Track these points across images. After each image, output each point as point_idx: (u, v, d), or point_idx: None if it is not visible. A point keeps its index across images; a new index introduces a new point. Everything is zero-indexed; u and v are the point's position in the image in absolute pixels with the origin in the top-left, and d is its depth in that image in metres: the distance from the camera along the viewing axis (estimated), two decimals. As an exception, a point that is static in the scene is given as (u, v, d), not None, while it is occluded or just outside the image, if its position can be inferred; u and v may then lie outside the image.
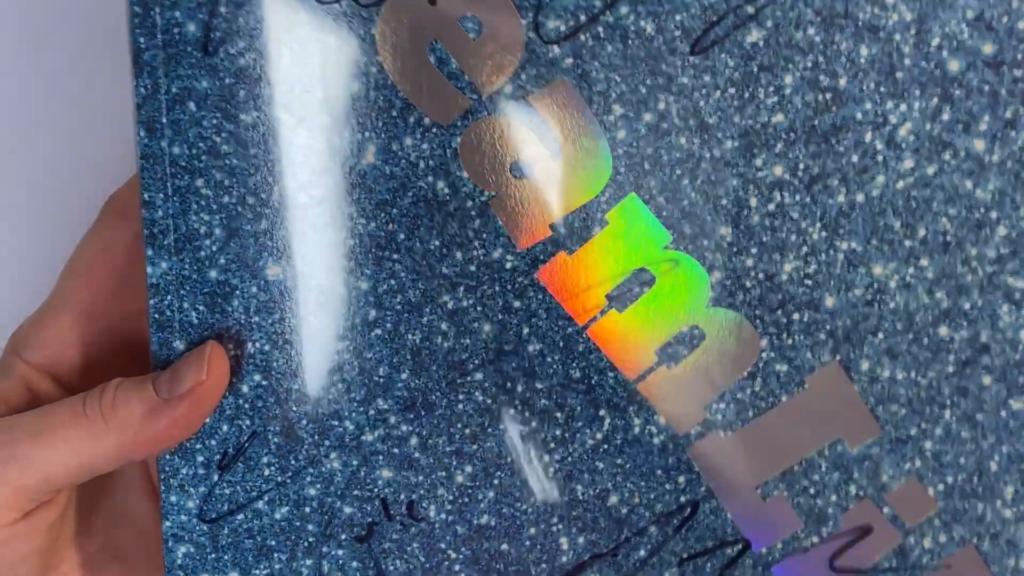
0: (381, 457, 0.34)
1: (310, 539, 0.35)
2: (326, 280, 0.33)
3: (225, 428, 0.34)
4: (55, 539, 0.36)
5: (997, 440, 0.34)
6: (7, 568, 0.35)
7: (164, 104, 0.32)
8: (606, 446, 0.34)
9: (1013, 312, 0.33)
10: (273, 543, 0.35)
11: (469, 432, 0.34)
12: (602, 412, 0.34)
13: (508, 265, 0.33)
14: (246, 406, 0.34)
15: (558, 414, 0.34)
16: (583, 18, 0.31)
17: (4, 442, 0.33)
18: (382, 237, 0.33)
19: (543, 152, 0.32)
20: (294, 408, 0.34)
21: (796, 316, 0.33)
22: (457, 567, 0.35)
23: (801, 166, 0.32)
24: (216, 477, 0.34)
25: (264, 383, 0.34)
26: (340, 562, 0.35)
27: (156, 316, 0.33)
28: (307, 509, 0.34)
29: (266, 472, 0.34)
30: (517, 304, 0.33)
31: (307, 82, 0.31)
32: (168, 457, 0.34)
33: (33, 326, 0.36)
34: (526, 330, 0.33)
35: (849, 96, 0.31)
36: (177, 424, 0.33)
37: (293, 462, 0.34)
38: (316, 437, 0.34)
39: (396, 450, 0.34)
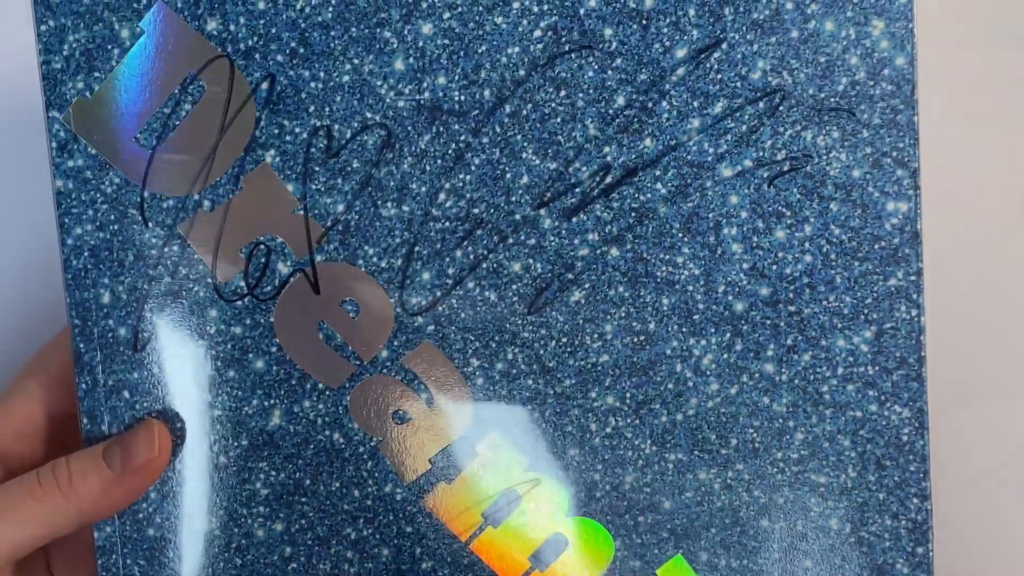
0: None
1: None
2: (247, 526, 0.39)
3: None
4: None
5: None
6: None
7: (103, 396, 0.39)
8: (495, 648, 0.40)
9: (820, 503, 0.40)
10: None
11: (377, 647, 0.40)
12: (489, 617, 0.40)
13: (399, 497, 0.39)
14: (183, 645, 0.39)
15: (452, 623, 0.40)
16: (439, 293, 0.39)
17: None
18: (291, 484, 0.39)
19: (418, 401, 0.39)
20: None
21: (641, 519, 0.40)
22: None
23: (628, 395, 0.39)
24: None
25: (197, 624, 0.39)
26: None
27: (103, 573, 0.39)
28: None
29: None
30: (409, 529, 0.39)
31: (219, 365, 0.39)
32: None
33: None
34: (419, 550, 0.40)
35: (658, 337, 0.39)
36: (131, 493, 0.38)
37: None
38: None
39: (315, 671, 0.40)
